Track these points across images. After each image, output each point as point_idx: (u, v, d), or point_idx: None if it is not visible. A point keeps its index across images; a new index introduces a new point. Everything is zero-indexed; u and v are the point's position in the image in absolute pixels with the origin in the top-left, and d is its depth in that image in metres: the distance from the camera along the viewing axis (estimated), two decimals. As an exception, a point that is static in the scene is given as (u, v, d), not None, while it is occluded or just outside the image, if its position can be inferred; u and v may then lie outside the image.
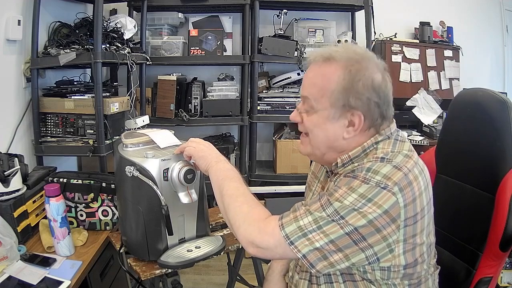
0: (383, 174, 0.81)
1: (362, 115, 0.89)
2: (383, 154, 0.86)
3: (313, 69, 0.94)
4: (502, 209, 0.97)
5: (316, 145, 0.95)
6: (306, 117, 0.94)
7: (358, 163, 0.88)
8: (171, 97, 2.62)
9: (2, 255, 1.23)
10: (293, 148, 2.72)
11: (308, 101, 0.93)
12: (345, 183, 0.83)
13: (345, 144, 0.92)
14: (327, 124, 0.91)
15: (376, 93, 0.88)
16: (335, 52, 0.91)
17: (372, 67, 0.89)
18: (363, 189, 0.81)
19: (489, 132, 1.04)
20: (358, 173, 0.83)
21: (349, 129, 0.90)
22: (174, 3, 2.66)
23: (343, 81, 0.88)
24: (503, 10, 3.44)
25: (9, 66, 1.86)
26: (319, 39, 2.78)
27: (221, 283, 2.30)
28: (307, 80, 0.95)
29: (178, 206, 1.25)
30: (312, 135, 0.95)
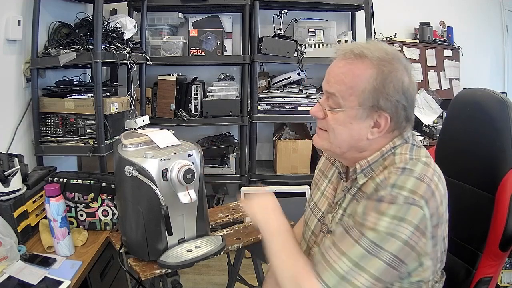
0: (408, 189, 0.79)
1: (389, 117, 0.87)
2: (403, 163, 0.84)
3: (342, 65, 0.89)
4: (502, 209, 0.97)
5: (338, 143, 0.92)
6: (331, 115, 0.91)
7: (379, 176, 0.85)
8: (171, 97, 2.62)
9: (2, 255, 1.23)
10: (293, 148, 2.72)
11: (334, 98, 0.90)
12: (373, 208, 0.80)
13: (367, 144, 0.91)
14: (353, 124, 0.89)
15: (405, 96, 0.87)
16: (367, 49, 0.88)
17: (402, 69, 0.87)
18: (393, 211, 0.78)
19: (489, 132, 1.04)
20: (384, 193, 0.80)
21: (374, 130, 0.89)
22: (174, 3, 2.66)
23: (375, 81, 0.85)
24: (503, 10, 3.44)
25: (9, 66, 1.86)
26: (319, 39, 2.77)
27: (221, 283, 2.30)
28: (335, 76, 0.90)
29: (178, 206, 1.25)
30: (334, 133, 0.92)
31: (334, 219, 0.97)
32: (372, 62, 0.86)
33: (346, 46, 0.91)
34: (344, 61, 0.89)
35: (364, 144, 0.90)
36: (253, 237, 1.48)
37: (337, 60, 0.92)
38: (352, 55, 0.88)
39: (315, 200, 1.10)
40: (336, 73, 0.90)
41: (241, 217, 1.68)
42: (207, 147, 2.74)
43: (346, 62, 0.89)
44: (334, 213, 0.98)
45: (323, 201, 1.06)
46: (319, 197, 1.09)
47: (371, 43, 0.93)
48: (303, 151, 2.71)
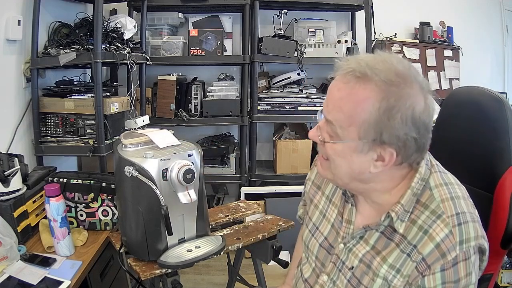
0: (473, 237, 0.75)
1: (394, 152, 0.75)
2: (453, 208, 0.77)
3: (342, 88, 0.77)
4: (502, 207, 0.96)
5: (339, 175, 0.83)
6: (329, 144, 0.80)
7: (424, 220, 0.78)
8: (171, 97, 2.62)
9: (2, 255, 1.24)
10: (293, 148, 2.72)
11: (332, 127, 0.79)
12: (453, 276, 0.74)
13: (372, 177, 0.80)
14: (353, 156, 0.78)
15: (416, 127, 0.74)
16: (371, 69, 0.74)
17: (414, 93, 0.74)
18: (470, 265, 0.74)
19: (486, 131, 1.03)
20: (456, 254, 0.73)
21: (378, 163, 0.78)
22: (174, 3, 2.66)
23: (377, 112, 0.73)
24: (503, 10, 3.44)
25: (9, 66, 1.86)
26: (319, 39, 2.77)
27: (221, 283, 2.30)
28: (333, 102, 0.78)
29: (178, 206, 1.25)
30: (333, 164, 0.82)
31: (352, 253, 0.89)
32: (377, 86, 0.73)
33: (349, 63, 0.78)
34: (345, 84, 0.76)
35: (368, 176, 0.80)
36: (253, 237, 1.48)
37: (338, 79, 0.79)
38: (353, 77, 0.75)
39: (314, 220, 1.02)
40: (335, 98, 0.78)
41: (241, 217, 1.69)
42: (207, 147, 2.74)
43: (347, 85, 0.76)
44: (352, 246, 0.89)
45: (325, 224, 0.98)
46: (320, 218, 1.01)
47: (379, 59, 0.76)
48: (303, 151, 2.71)
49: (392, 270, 0.80)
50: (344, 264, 0.90)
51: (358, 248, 0.88)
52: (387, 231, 0.84)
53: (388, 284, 0.81)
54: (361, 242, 0.88)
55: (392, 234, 0.83)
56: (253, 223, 1.60)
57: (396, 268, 0.80)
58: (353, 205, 0.92)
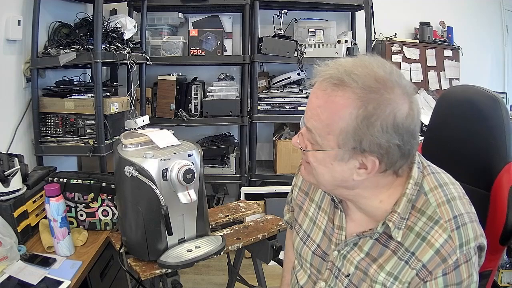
0: (472, 238, 0.74)
1: (377, 160, 0.73)
2: (450, 211, 0.75)
3: (320, 96, 0.75)
4: (500, 204, 0.97)
5: (322, 182, 0.81)
6: (311, 152, 0.78)
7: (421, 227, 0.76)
8: (171, 97, 2.62)
9: (2, 255, 1.24)
10: (293, 148, 2.70)
11: (312, 135, 0.77)
12: (455, 279, 0.73)
13: (357, 184, 0.78)
14: (334, 165, 0.76)
15: (398, 134, 0.71)
16: (349, 76, 0.71)
17: (396, 98, 0.71)
18: (471, 266, 0.74)
19: (482, 129, 1.04)
20: (456, 257, 0.73)
21: (361, 171, 0.76)
22: (174, 3, 2.66)
23: (355, 120, 0.70)
24: (503, 10, 3.44)
25: (9, 66, 1.86)
26: (319, 39, 2.77)
27: (221, 283, 2.30)
28: (311, 109, 0.77)
29: (178, 206, 1.25)
30: (315, 171, 0.80)
31: (347, 260, 0.87)
32: (355, 93, 0.70)
33: (327, 69, 0.75)
34: (322, 91, 0.74)
35: (352, 184, 0.78)
36: (253, 237, 1.48)
37: (316, 86, 0.76)
38: (331, 84, 0.72)
39: (305, 228, 1.00)
40: (314, 105, 0.76)
41: (241, 217, 1.69)
42: (207, 147, 2.74)
43: (324, 92, 0.73)
44: (346, 253, 0.87)
45: (316, 231, 0.96)
46: (310, 225, 0.98)
47: (359, 64, 0.73)
48: (303, 151, 2.71)
49: (390, 277, 0.79)
50: (340, 271, 0.89)
51: (352, 255, 0.86)
52: (382, 238, 0.82)
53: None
54: (355, 249, 0.86)
55: (388, 241, 0.81)
56: (253, 223, 1.60)
57: (394, 275, 0.79)
58: (342, 211, 0.89)
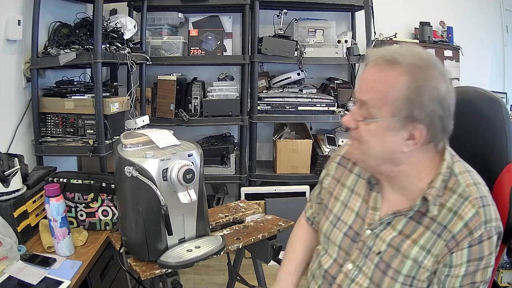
0: (494, 218, 0.83)
1: (424, 128, 0.82)
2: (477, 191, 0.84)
3: (373, 72, 0.85)
4: (502, 204, 0.98)
5: (371, 156, 0.88)
6: (364, 126, 0.86)
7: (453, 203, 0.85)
8: (171, 97, 2.62)
9: (2, 255, 1.24)
10: (293, 148, 2.72)
11: (366, 107, 0.85)
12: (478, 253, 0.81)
13: (403, 158, 0.86)
14: (386, 135, 0.84)
15: (441, 105, 0.81)
16: (399, 54, 0.82)
17: (438, 76, 0.81)
18: (492, 244, 0.82)
19: (483, 130, 1.05)
20: (480, 233, 0.81)
21: (409, 142, 0.84)
22: (174, 3, 2.66)
23: (407, 90, 0.80)
24: (503, 10, 3.43)
25: (9, 66, 1.86)
26: (319, 39, 2.77)
27: (221, 283, 2.30)
28: (366, 84, 0.86)
29: (178, 206, 1.26)
30: (366, 145, 0.87)
31: (380, 238, 0.92)
32: (405, 68, 0.81)
33: (377, 51, 0.86)
34: (376, 68, 0.84)
35: (399, 157, 0.86)
36: (253, 237, 1.48)
37: (369, 66, 0.86)
38: (383, 61, 0.83)
39: (336, 212, 1.05)
40: (368, 80, 0.86)
41: (241, 217, 1.69)
42: (207, 147, 2.74)
43: (378, 69, 0.84)
44: (379, 232, 0.93)
45: (348, 213, 1.01)
46: (341, 208, 1.04)
47: (404, 47, 0.87)
48: (303, 151, 2.71)
49: (423, 251, 0.86)
50: (371, 250, 0.93)
51: (385, 233, 0.92)
52: (416, 216, 0.88)
53: (418, 265, 0.86)
54: (388, 228, 0.92)
55: (421, 218, 0.88)
56: (253, 223, 1.60)
57: (426, 249, 0.86)
58: (378, 192, 0.96)
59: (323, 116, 2.69)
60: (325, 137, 2.87)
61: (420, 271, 0.86)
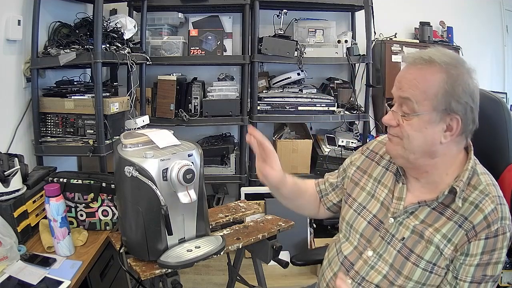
0: (508, 217, 0.91)
1: (460, 119, 0.90)
2: (496, 191, 0.93)
3: (413, 71, 0.93)
4: None
5: (412, 150, 0.95)
6: (405, 121, 0.94)
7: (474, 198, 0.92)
8: (171, 97, 2.62)
9: (2, 255, 1.23)
10: (293, 148, 2.72)
11: (409, 103, 0.92)
12: (492, 246, 0.89)
13: (440, 150, 0.94)
14: (428, 128, 0.91)
15: (472, 98, 0.90)
16: (434, 55, 0.91)
17: (466, 72, 0.91)
18: (505, 240, 0.89)
19: (485, 131, 1.05)
20: (497, 227, 0.89)
21: (447, 133, 0.92)
22: (174, 3, 2.66)
23: (446, 84, 0.89)
24: (503, 10, 3.44)
25: (9, 66, 1.86)
26: (319, 39, 2.77)
27: (221, 283, 2.30)
28: (408, 82, 0.93)
29: (178, 206, 1.25)
30: (408, 140, 0.94)
31: (403, 225, 0.99)
32: (442, 66, 0.90)
33: (415, 53, 0.95)
34: (415, 67, 0.93)
35: (437, 149, 0.93)
36: (253, 237, 1.48)
37: (407, 67, 0.95)
38: (422, 61, 0.91)
39: (361, 200, 1.11)
40: (409, 79, 0.93)
41: (241, 217, 1.69)
42: (207, 147, 2.74)
43: (417, 68, 0.92)
44: (402, 220, 1.00)
45: (374, 203, 1.08)
46: (367, 198, 1.10)
47: (436, 49, 0.95)
48: (303, 151, 2.71)
49: (444, 239, 0.93)
50: (394, 237, 1.00)
51: (408, 221, 0.99)
52: (439, 207, 0.96)
53: (440, 252, 0.93)
54: (411, 217, 0.99)
55: (444, 209, 0.95)
56: (253, 223, 1.60)
57: (448, 237, 0.92)
58: (404, 183, 1.03)
59: (323, 116, 2.69)
60: (325, 137, 2.87)
61: (441, 258, 0.93)
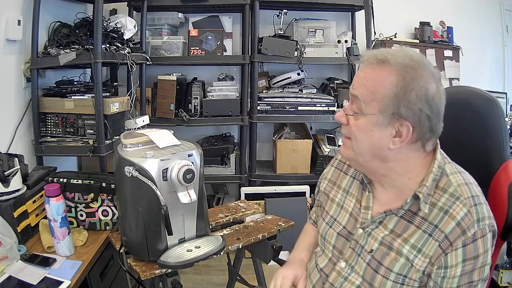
0: (487, 216, 0.84)
1: (411, 126, 0.85)
2: (468, 191, 0.86)
3: (366, 70, 0.90)
4: (500, 201, 1.00)
5: (359, 151, 0.91)
6: (353, 120, 0.91)
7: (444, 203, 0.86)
8: (171, 97, 2.62)
9: (2, 255, 1.24)
10: (293, 148, 2.72)
11: (357, 102, 0.89)
12: (473, 252, 0.82)
13: (391, 155, 0.89)
14: (374, 131, 0.87)
15: (429, 105, 0.84)
16: (391, 55, 0.87)
17: (427, 76, 0.85)
18: (487, 242, 0.83)
19: (480, 129, 1.07)
20: (474, 231, 0.82)
21: (396, 139, 0.87)
22: (174, 3, 2.66)
23: (395, 88, 0.84)
24: (503, 10, 3.44)
25: (9, 66, 1.86)
26: (319, 39, 2.77)
27: (221, 283, 2.30)
28: (358, 80, 0.91)
29: (178, 206, 1.26)
30: (355, 141, 0.91)
31: (372, 237, 0.94)
32: (395, 68, 0.85)
33: (371, 52, 0.91)
34: (368, 67, 0.89)
35: (387, 154, 0.89)
36: (253, 237, 1.48)
37: (363, 65, 0.91)
38: (375, 60, 0.88)
39: (332, 213, 1.07)
40: (360, 77, 0.90)
41: (241, 217, 1.69)
42: (207, 147, 2.74)
43: (370, 67, 0.89)
44: (370, 231, 0.95)
45: (343, 214, 1.04)
46: (337, 210, 1.06)
47: (399, 49, 0.91)
48: (303, 151, 2.71)
49: (414, 250, 0.87)
50: (363, 248, 0.96)
51: (377, 232, 0.94)
52: (407, 215, 0.90)
53: (410, 263, 0.87)
54: (379, 227, 0.94)
55: (412, 217, 0.89)
56: (253, 223, 1.60)
57: (417, 248, 0.87)
58: (370, 192, 0.98)
59: (323, 116, 2.69)
60: (325, 137, 2.87)
61: (412, 270, 0.87)
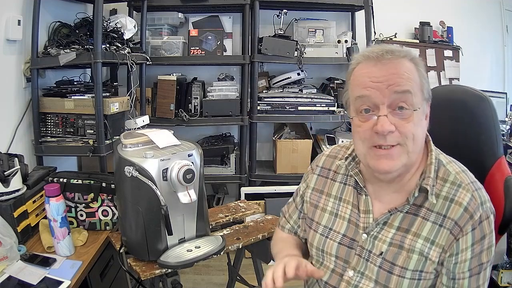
0: (487, 199, 0.88)
1: (428, 104, 0.91)
2: (467, 177, 0.90)
3: (392, 65, 0.85)
4: (497, 197, 1.01)
5: (416, 150, 0.88)
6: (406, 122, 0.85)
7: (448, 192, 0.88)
8: (171, 97, 2.62)
9: (2, 255, 1.24)
10: (293, 148, 2.72)
11: (409, 98, 0.84)
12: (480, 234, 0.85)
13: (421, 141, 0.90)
14: (422, 120, 0.89)
15: (428, 84, 0.91)
16: (390, 47, 0.89)
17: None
18: (491, 223, 0.86)
19: (473, 128, 1.08)
20: (479, 214, 0.85)
21: (427, 121, 0.91)
22: (174, 3, 2.66)
23: (418, 72, 0.88)
24: (503, 10, 3.43)
25: (9, 66, 1.86)
26: (319, 39, 2.78)
27: (221, 283, 2.30)
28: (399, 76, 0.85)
29: (178, 206, 1.26)
30: (413, 140, 0.86)
31: (379, 239, 0.92)
32: (412, 59, 0.89)
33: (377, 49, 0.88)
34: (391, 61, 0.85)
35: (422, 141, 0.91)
36: (253, 237, 1.48)
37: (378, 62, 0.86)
38: (391, 55, 0.86)
39: (325, 223, 1.02)
40: (400, 72, 0.85)
41: (241, 217, 1.69)
42: (207, 147, 2.74)
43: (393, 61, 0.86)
44: (376, 234, 0.93)
45: (340, 222, 1.00)
46: (331, 219, 1.02)
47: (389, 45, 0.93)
48: (303, 151, 2.71)
49: (427, 242, 0.87)
50: (371, 253, 0.93)
51: (383, 234, 0.92)
52: (411, 209, 0.91)
53: (424, 257, 0.88)
54: (385, 228, 0.93)
55: (417, 210, 0.90)
56: (253, 223, 1.60)
57: (430, 240, 0.87)
58: (367, 195, 0.97)
59: (323, 116, 2.69)
60: (325, 137, 2.87)
61: (427, 263, 0.87)
